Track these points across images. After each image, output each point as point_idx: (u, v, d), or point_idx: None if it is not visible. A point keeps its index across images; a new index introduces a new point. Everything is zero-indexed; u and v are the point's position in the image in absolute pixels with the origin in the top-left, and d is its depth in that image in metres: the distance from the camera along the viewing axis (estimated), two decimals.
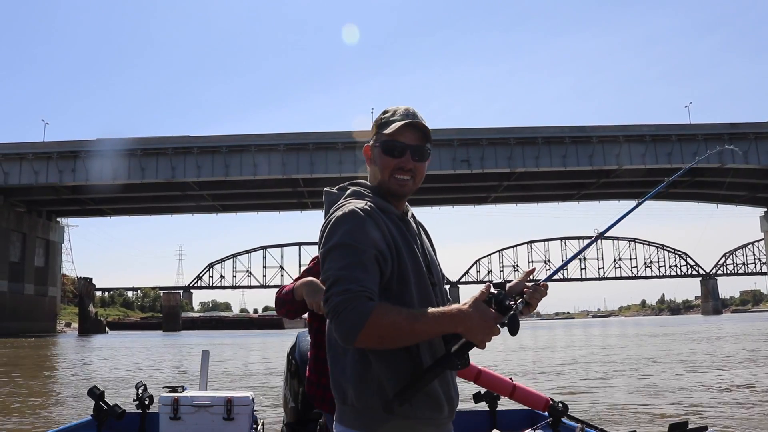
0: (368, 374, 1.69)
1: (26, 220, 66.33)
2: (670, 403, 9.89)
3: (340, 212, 1.75)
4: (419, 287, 1.78)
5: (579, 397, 10.59)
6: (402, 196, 1.90)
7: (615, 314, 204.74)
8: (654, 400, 10.26)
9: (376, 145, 1.90)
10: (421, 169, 1.89)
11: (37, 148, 56.86)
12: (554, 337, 40.23)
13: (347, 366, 1.72)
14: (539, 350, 24.97)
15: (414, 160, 1.86)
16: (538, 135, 58.42)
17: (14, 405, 10.69)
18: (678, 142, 58.27)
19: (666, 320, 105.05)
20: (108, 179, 57.22)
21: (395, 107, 1.92)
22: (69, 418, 8.53)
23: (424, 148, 1.88)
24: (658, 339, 31.66)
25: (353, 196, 1.85)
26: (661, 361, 17.61)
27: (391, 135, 1.85)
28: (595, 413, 8.89)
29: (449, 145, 56.99)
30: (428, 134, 1.89)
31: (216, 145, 57.54)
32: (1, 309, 59.44)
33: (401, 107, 1.91)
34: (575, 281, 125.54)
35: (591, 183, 66.15)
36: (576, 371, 15.31)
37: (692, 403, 9.78)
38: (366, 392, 1.69)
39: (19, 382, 14.92)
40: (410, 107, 1.91)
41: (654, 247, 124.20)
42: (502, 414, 3.96)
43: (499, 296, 1.65)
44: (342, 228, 1.71)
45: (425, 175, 1.93)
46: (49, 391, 13.36)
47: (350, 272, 1.63)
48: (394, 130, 1.85)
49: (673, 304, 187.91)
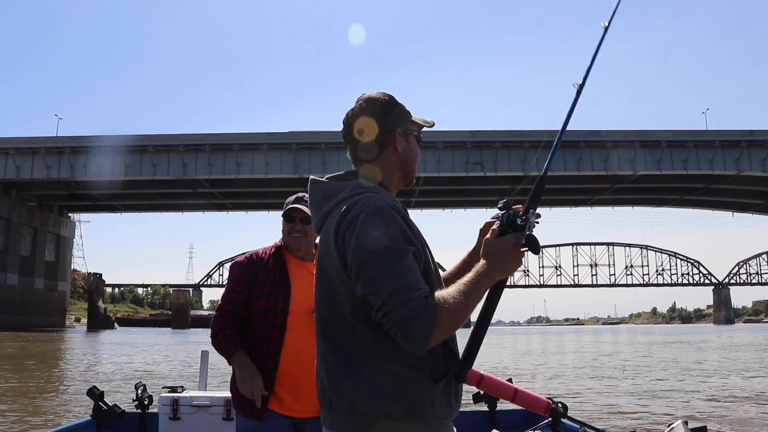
0: (395, 383, 1.60)
1: (37, 215, 66.43)
2: (678, 407, 9.67)
3: (369, 210, 1.60)
4: (437, 284, 1.68)
5: (582, 399, 10.52)
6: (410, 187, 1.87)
7: (625, 321, 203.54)
8: (656, 402, 9.99)
9: (409, 133, 1.80)
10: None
11: (50, 143, 56.95)
12: (564, 343, 39.71)
13: (365, 378, 1.61)
14: (548, 354, 24.49)
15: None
16: (552, 138, 57.68)
17: (14, 403, 10.54)
18: (694, 148, 57.44)
19: (677, 329, 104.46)
20: (120, 175, 57.18)
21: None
22: (69, 418, 8.46)
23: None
24: (674, 347, 31.05)
25: (368, 191, 1.68)
26: (676, 368, 17.14)
27: (420, 124, 1.83)
28: (598, 415, 8.76)
29: (462, 147, 56.54)
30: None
31: (228, 143, 57.34)
32: (10, 303, 59.54)
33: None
34: (586, 287, 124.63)
35: (605, 188, 65.43)
36: (579, 375, 14.88)
37: (704, 409, 9.63)
38: (387, 400, 1.59)
39: (21, 377, 14.69)
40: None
41: (666, 255, 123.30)
42: (502, 414, 3.96)
43: (510, 217, 1.66)
44: (378, 229, 1.56)
45: (439, 176, 1.64)
46: (48, 389, 13.08)
47: (404, 278, 1.52)
48: (423, 120, 1.84)
49: (684, 312, 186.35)
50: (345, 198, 1.67)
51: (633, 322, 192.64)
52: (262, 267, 2.75)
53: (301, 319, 2.63)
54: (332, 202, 1.70)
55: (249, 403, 2.61)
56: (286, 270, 2.75)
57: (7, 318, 56.93)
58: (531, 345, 30.73)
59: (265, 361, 2.64)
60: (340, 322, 1.65)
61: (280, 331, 2.65)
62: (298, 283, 2.71)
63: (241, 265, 2.80)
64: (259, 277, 2.73)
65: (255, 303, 2.71)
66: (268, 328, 2.66)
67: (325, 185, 1.76)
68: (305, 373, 2.45)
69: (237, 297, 2.76)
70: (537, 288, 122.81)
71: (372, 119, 1.75)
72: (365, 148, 1.77)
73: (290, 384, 2.63)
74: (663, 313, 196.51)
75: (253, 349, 2.68)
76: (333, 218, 1.67)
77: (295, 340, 2.63)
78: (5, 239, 60.73)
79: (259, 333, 2.69)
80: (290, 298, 2.68)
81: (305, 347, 2.45)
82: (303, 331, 2.59)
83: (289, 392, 2.63)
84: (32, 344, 31.01)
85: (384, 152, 1.76)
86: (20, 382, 13.70)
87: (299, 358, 2.59)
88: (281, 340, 2.65)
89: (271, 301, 2.68)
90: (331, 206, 1.70)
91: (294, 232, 2.78)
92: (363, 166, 1.77)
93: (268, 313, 2.68)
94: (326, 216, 1.72)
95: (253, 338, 2.70)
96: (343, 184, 1.73)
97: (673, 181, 62.66)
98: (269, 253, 2.81)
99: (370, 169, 1.76)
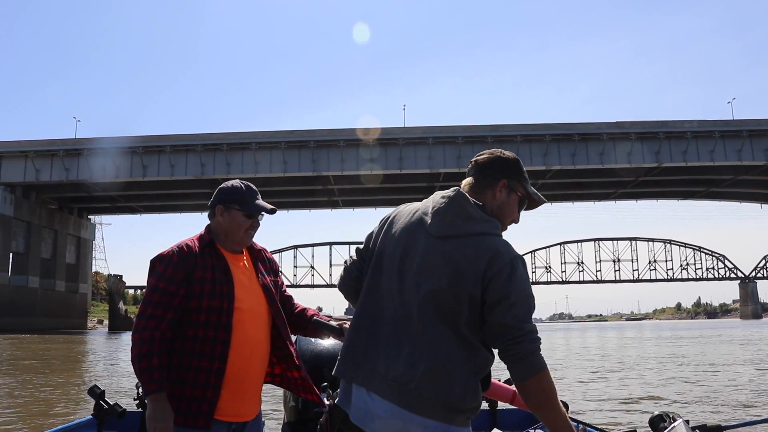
0: (470, 384, 1.95)
1: (57, 217, 66.63)
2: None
3: (520, 259, 1.97)
4: None
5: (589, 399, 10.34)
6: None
7: (649, 317, 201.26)
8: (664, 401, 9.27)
9: (517, 192, 2.13)
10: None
11: (68, 145, 57.03)
12: (594, 340, 38.74)
13: (451, 374, 1.92)
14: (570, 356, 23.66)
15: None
16: (575, 131, 56.71)
17: (18, 403, 10.31)
18: (721, 138, 56.10)
19: (704, 323, 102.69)
20: (138, 176, 57.15)
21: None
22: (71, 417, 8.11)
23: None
24: (713, 343, 30.03)
25: (501, 236, 2.06)
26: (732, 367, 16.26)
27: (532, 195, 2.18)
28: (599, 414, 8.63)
29: (482, 142, 55.64)
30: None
31: (246, 141, 57.06)
32: (32, 305, 59.80)
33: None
34: (608, 283, 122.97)
35: (629, 182, 64.20)
36: (595, 379, 14.09)
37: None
38: (461, 395, 1.93)
39: (24, 379, 14.32)
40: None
41: (690, 249, 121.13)
42: (503, 413, 3.94)
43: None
44: (528, 280, 1.97)
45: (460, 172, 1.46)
46: (56, 389, 12.70)
47: (534, 324, 1.93)
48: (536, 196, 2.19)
49: (709, 307, 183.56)
50: (488, 233, 2.01)
51: (657, 318, 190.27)
52: (198, 263, 2.45)
53: (246, 316, 2.46)
54: (474, 227, 2.00)
55: (191, 413, 2.38)
56: (226, 266, 2.50)
57: (30, 320, 57.24)
58: (570, 341, 29.89)
59: (212, 366, 2.39)
60: (448, 321, 1.94)
61: (227, 333, 2.41)
62: (239, 280, 2.51)
63: (172, 261, 2.43)
64: (196, 274, 2.43)
65: (194, 303, 2.41)
66: (213, 330, 2.40)
67: (473, 209, 2.03)
68: (251, 371, 2.46)
69: (170, 300, 2.39)
70: (559, 284, 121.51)
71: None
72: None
73: (237, 386, 2.44)
74: (687, 308, 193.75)
75: (195, 354, 2.40)
76: (478, 244, 1.97)
77: (241, 340, 2.44)
78: (26, 242, 60.98)
79: (200, 336, 2.40)
80: (234, 296, 2.45)
81: (250, 345, 2.44)
82: (247, 329, 2.45)
83: (235, 396, 2.45)
84: (43, 345, 30.77)
85: (499, 201, 2.13)
86: (27, 383, 13.33)
87: (245, 358, 2.44)
88: (228, 342, 2.41)
89: (215, 301, 2.41)
90: (471, 230, 2.00)
91: (252, 229, 2.58)
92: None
93: (211, 313, 2.41)
94: (463, 235, 2.00)
95: (193, 341, 2.41)
96: (486, 216, 2.04)
97: (699, 173, 61.34)
98: (200, 247, 2.50)
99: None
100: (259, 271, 2.59)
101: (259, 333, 2.49)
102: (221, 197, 2.56)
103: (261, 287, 2.55)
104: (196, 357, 2.39)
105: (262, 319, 2.51)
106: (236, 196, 2.55)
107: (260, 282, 2.56)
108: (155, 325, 2.38)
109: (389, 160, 56.68)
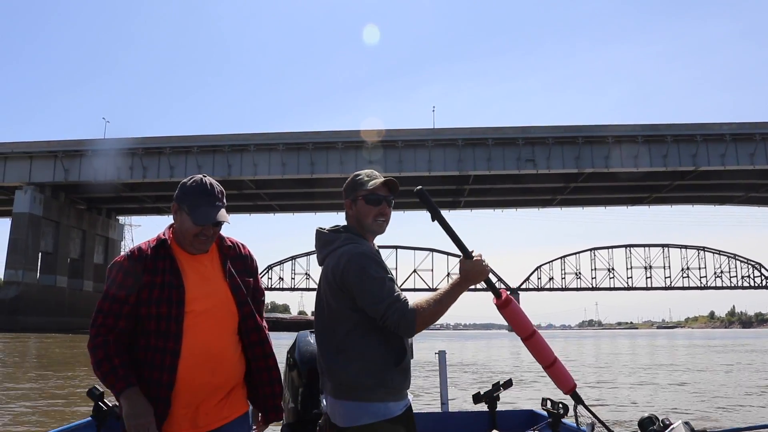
0: (370, 365, 2.29)
1: (86, 218, 67.17)
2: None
3: (359, 252, 2.30)
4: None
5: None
6: (379, 234, 2.49)
7: (681, 325, 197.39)
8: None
9: (359, 198, 2.43)
10: (390, 213, 2.49)
11: (96, 145, 57.26)
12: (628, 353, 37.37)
13: (352, 361, 2.29)
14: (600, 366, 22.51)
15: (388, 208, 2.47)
16: (608, 134, 55.31)
17: (18, 403, 10.04)
18: (762, 141, 54.26)
19: (739, 333, 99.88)
20: (165, 177, 57.13)
21: (366, 171, 2.52)
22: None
23: (391, 198, 2.47)
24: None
25: (351, 241, 2.38)
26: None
27: (372, 190, 2.41)
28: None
29: (514, 144, 54.55)
30: (395, 188, 2.47)
31: (273, 142, 56.72)
32: (60, 305, 60.17)
33: (367, 171, 2.52)
34: (639, 290, 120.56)
35: (664, 186, 62.47)
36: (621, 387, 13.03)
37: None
38: (363, 376, 2.27)
39: (27, 379, 13.90)
40: (373, 171, 2.52)
41: (725, 257, 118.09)
42: (502, 414, 3.91)
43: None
44: (369, 264, 2.28)
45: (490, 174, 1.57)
46: (58, 389, 12.26)
47: (395, 292, 2.24)
48: (374, 186, 2.42)
49: (744, 316, 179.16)
50: (348, 246, 2.35)
51: (689, 326, 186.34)
52: (148, 266, 2.29)
53: (199, 319, 2.29)
54: (345, 250, 2.34)
55: None
56: (176, 268, 2.32)
57: (58, 320, 57.56)
58: (598, 349, 28.65)
59: (161, 378, 2.24)
60: (336, 322, 2.32)
61: (176, 342, 2.25)
62: (192, 281, 2.32)
63: (122, 266, 2.29)
64: (145, 279, 2.28)
65: (143, 310, 2.26)
66: (162, 339, 2.26)
67: (325, 235, 2.45)
68: (206, 377, 2.28)
69: (120, 307, 2.26)
70: (589, 291, 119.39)
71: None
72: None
73: (190, 397, 2.27)
74: (721, 316, 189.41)
75: (147, 364, 2.26)
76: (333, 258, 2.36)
77: (193, 347, 2.26)
78: (55, 242, 61.41)
79: (151, 345, 2.26)
80: (184, 300, 2.28)
81: (204, 350, 2.27)
82: (200, 333, 2.28)
83: (188, 408, 2.28)
84: (61, 344, 30.53)
85: (351, 212, 2.50)
86: (34, 383, 12.90)
87: (199, 366, 2.28)
88: (177, 352, 2.25)
89: (162, 307, 2.26)
90: (329, 250, 2.41)
91: (203, 236, 2.34)
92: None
93: (161, 321, 2.25)
94: (327, 256, 2.41)
95: (145, 351, 2.28)
96: (335, 235, 2.43)
97: (738, 177, 59.40)
98: (153, 248, 2.33)
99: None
100: (227, 271, 2.37)
101: (221, 338, 2.31)
102: (177, 194, 2.40)
103: (229, 288, 2.35)
104: (147, 368, 2.26)
105: (223, 323, 2.32)
106: (189, 198, 2.36)
107: (228, 282, 2.35)
108: (107, 332, 2.25)
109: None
